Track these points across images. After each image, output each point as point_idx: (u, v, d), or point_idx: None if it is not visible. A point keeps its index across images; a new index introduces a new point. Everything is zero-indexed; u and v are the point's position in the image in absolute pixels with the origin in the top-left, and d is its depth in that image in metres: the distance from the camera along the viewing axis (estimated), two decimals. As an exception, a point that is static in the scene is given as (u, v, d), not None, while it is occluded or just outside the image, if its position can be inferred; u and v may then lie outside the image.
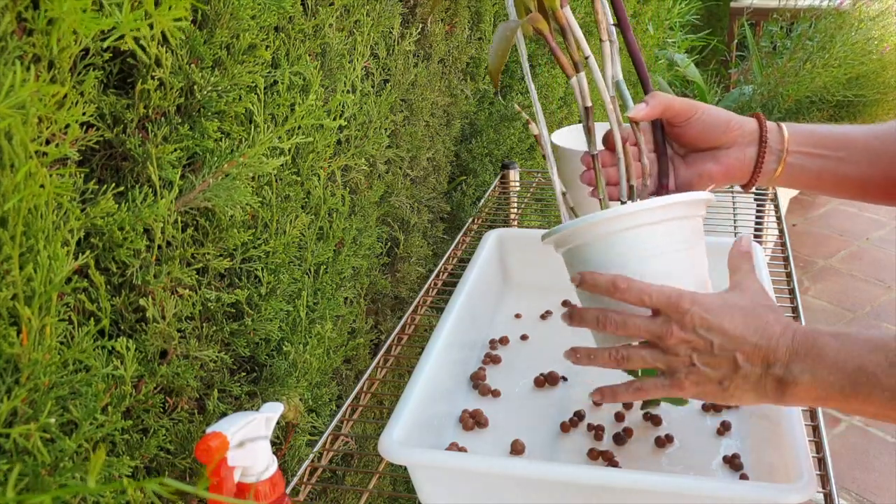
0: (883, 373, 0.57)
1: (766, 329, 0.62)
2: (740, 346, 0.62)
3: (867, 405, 0.58)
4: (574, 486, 0.68)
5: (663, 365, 0.65)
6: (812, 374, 0.59)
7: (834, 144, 0.75)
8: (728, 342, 0.62)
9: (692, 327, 0.63)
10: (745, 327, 0.62)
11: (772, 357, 0.61)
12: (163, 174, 0.68)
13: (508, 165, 1.52)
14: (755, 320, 0.62)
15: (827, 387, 0.59)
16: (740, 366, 0.62)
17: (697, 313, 0.63)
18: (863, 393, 0.58)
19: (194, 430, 0.77)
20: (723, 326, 0.62)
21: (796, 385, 0.60)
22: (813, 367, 0.59)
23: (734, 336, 0.62)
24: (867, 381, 0.57)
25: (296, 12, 0.87)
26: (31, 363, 0.55)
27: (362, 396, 0.96)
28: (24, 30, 0.53)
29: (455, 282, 1.02)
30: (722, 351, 0.62)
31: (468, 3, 1.41)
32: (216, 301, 0.80)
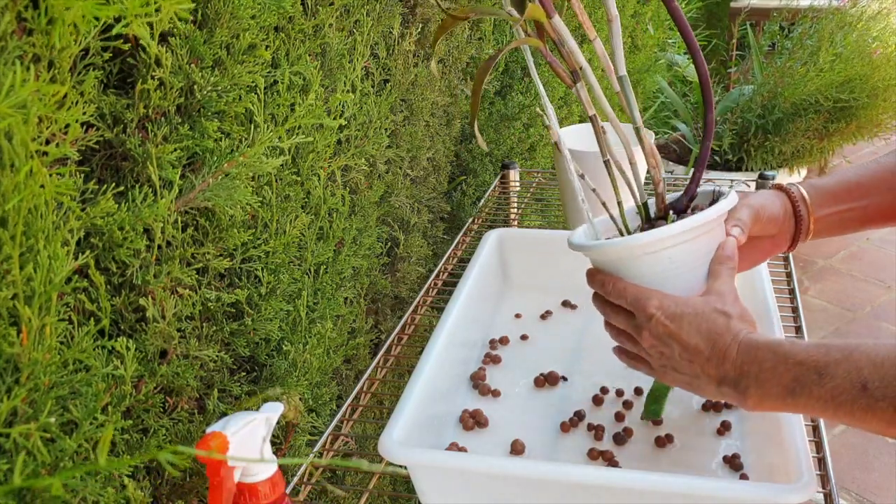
0: (814, 384, 0.60)
1: (717, 340, 0.65)
2: (696, 357, 0.66)
3: (808, 411, 0.62)
4: (574, 486, 0.68)
5: (644, 357, 0.71)
6: (756, 388, 0.63)
7: (857, 194, 0.80)
8: (685, 352, 0.66)
9: (658, 334, 0.68)
10: (700, 338, 0.66)
11: (721, 370, 0.65)
12: (163, 174, 0.68)
13: (508, 165, 1.52)
14: (709, 328, 0.66)
15: (772, 398, 0.62)
16: (699, 374, 0.67)
17: (661, 320, 0.67)
18: (800, 402, 0.61)
19: (194, 430, 0.77)
20: (680, 336, 0.66)
21: (747, 398, 0.64)
22: (756, 381, 0.63)
23: (688, 347, 0.66)
24: (801, 391, 0.61)
25: (296, 12, 0.87)
26: (31, 363, 0.55)
27: (362, 396, 0.96)
28: (24, 29, 0.53)
29: (455, 282, 1.02)
30: (682, 359, 0.67)
31: (468, 3, 1.40)
32: (216, 301, 0.80)
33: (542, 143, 1.86)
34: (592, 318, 1.03)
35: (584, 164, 1.18)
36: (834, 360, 0.60)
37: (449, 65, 1.38)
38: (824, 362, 0.60)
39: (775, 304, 0.89)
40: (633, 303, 0.69)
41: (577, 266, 1.10)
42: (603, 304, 0.74)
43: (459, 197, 1.53)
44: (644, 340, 0.69)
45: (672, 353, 0.67)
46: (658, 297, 0.68)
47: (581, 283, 0.77)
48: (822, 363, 0.60)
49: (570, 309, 1.05)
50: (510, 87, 1.67)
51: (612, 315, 0.73)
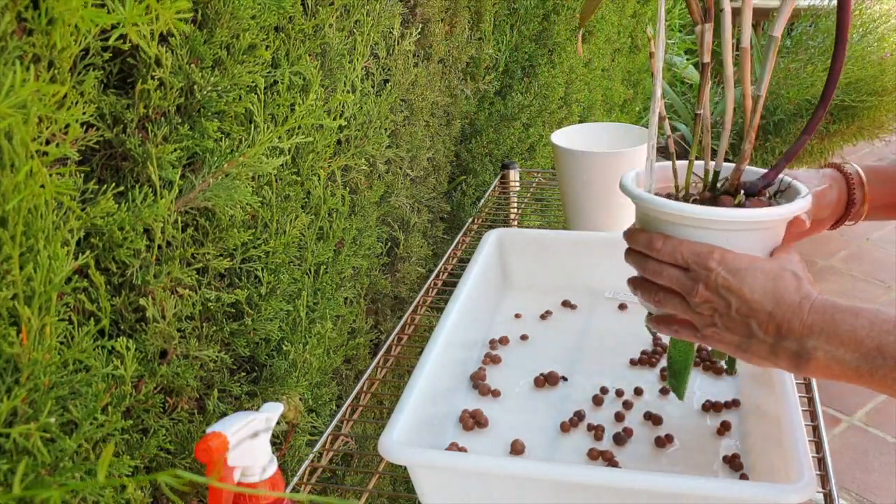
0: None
1: (783, 297, 0.62)
2: (755, 313, 0.62)
3: (884, 385, 0.58)
4: (574, 486, 0.68)
5: (690, 318, 0.67)
6: (826, 351, 0.59)
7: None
8: (744, 307, 0.62)
9: (715, 287, 0.63)
10: (763, 293, 0.62)
11: (784, 328, 0.61)
12: (163, 174, 0.68)
13: (508, 165, 1.52)
14: (776, 286, 0.62)
15: (843, 364, 0.59)
16: (754, 333, 0.62)
17: (721, 273, 0.63)
18: (879, 373, 0.57)
19: (194, 430, 0.77)
20: (741, 290, 0.62)
21: (810, 360, 0.60)
22: (828, 343, 0.59)
23: (750, 301, 0.62)
24: (884, 362, 0.57)
25: (296, 12, 0.87)
26: (31, 363, 0.55)
27: (362, 396, 0.96)
28: (24, 30, 0.53)
29: (455, 282, 1.02)
30: (738, 315, 0.63)
31: (468, 3, 1.41)
32: (216, 301, 0.80)
33: (542, 142, 1.86)
34: (592, 318, 1.04)
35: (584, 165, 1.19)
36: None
37: (449, 65, 1.38)
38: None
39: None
40: (689, 256, 0.65)
41: (577, 266, 1.11)
42: (644, 262, 0.69)
43: (459, 197, 1.53)
44: (697, 295, 0.64)
45: (728, 308, 0.63)
46: (720, 251, 0.64)
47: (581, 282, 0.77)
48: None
49: (570, 309, 1.05)
50: (510, 87, 1.68)
51: (657, 272, 0.67)
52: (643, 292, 0.70)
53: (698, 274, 0.64)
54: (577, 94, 2.06)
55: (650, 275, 0.68)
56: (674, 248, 0.66)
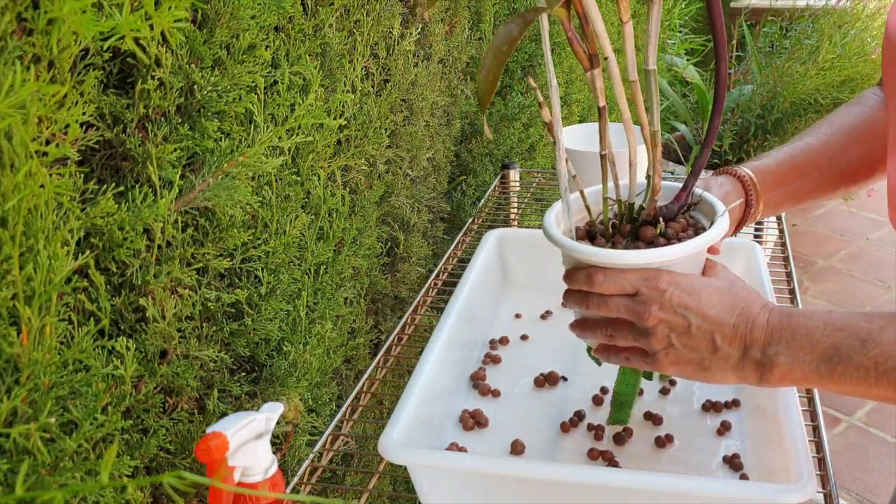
0: (855, 351, 0.57)
1: (745, 309, 0.62)
2: (718, 327, 0.62)
3: (844, 384, 0.58)
4: (574, 486, 0.68)
5: (644, 345, 0.65)
6: (787, 356, 0.59)
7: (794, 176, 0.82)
8: (705, 323, 0.62)
9: (670, 307, 0.63)
10: (723, 308, 0.62)
11: (749, 339, 0.61)
12: (163, 174, 0.68)
13: (508, 165, 1.52)
14: (733, 300, 0.63)
15: (804, 367, 0.59)
16: (719, 347, 0.62)
17: (675, 293, 0.63)
18: (838, 372, 0.58)
19: (194, 430, 0.77)
20: (700, 307, 0.62)
21: (773, 367, 0.60)
22: (788, 348, 0.59)
23: (712, 317, 0.62)
24: (840, 360, 0.57)
25: (296, 12, 0.87)
26: (31, 363, 0.55)
27: (362, 396, 0.96)
28: (24, 30, 0.53)
29: (455, 282, 1.02)
30: (699, 332, 0.62)
31: (468, 3, 1.41)
32: (216, 301, 0.80)
33: (542, 142, 1.86)
34: (592, 318, 1.03)
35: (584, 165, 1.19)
36: (878, 326, 0.57)
37: (449, 65, 1.38)
38: (867, 329, 0.57)
39: (775, 304, 0.89)
40: (636, 281, 0.64)
41: (576, 266, 1.11)
42: (585, 297, 0.68)
43: (459, 197, 1.53)
44: (650, 317, 0.63)
45: (688, 327, 0.62)
46: (667, 273, 0.64)
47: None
48: (865, 330, 0.57)
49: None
50: (510, 87, 1.68)
51: (602, 304, 0.66)
52: (591, 332, 0.70)
53: (650, 296, 0.64)
54: (577, 94, 2.06)
55: (595, 308, 0.67)
56: (617, 277, 0.65)
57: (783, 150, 0.83)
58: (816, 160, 0.82)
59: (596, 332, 0.69)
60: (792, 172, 0.82)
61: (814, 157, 0.82)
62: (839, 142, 0.83)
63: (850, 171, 0.84)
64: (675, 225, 0.70)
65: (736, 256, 1.00)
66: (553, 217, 0.73)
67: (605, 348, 0.70)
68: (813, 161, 0.82)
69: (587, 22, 0.62)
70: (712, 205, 0.71)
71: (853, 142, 0.83)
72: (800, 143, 0.84)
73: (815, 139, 0.84)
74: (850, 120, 0.85)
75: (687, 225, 0.71)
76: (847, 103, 0.89)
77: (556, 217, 0.73)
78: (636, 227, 0.70)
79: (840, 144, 0.83)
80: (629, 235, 0.70)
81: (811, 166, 0.82)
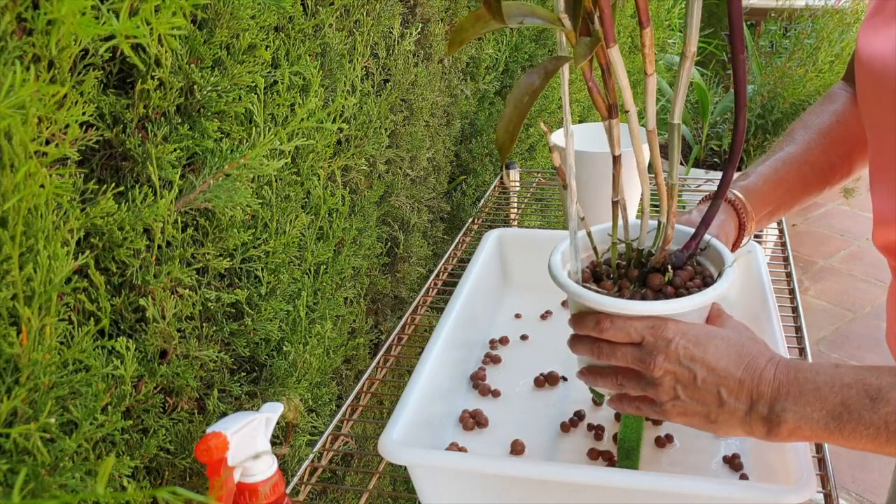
0: (865, 409, 0.56)
1: (751, 362, 0.61)
2: (725, 380, 0.61)
3: (854, 441, 0.57)
4: (574, 486, 0.68)
5: (651, 394, 0.65)
6: (795, 412, 0.58)
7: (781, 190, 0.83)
8: (711, 375, 0.61)
9: (677, 358, 0.62)
10: (730, 361, 0.61)
11: (755, 393, 0.60)
12: (163, 174, 0.68)
13: (508, 165, 1.52)
14: (740, 352, 0.61)
15: (812, 424, 0.58)
16: (725, 401, 0.61)
17: (682, 343, 0.62)
18: (847, 429, 0.56)
19: (194, 430, 0.77)
20: (706, 359, 0.61)
21: (781, 423, 0.59)
22: (795, 404, 0.58)
23: (718, 369, 0.61)
24: (850, 417, 0.56)
25: (296, 12, 0.87)
26: (31, 363, 0.55)
27: (362, 396, 0.96)
28: (24, 30, 0.53)
29: (455, 282, 1.02)
30: (705, 384, 0.61)
31: (468, 3, 1.41)
32: (216, 301, 0.80)
33: (541, 143, 1.86)
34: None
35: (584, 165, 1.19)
36: (888, 383, 0.55)
37: (449, 65, 1.38)
38: (876, 386, 0.55)
39: (775, 304, 0.89)
40: (643, 330, 0.63)
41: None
42: (593, 345, 0.67)
43: (459, 197, 1.53)
44: (656, 368, 0.62)
45: (693, 379, 0.61)
46: (673, 323, 0.63)
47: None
48: (875, 387, 0.55)
49: (570, 309, 1.05)
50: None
51: (610, 353, 0.66)
52: (602, 380, 0.69)
53: (656, 346, 0.63)
54: (576, 94, 2.06)
55: (604, 358, 0.66)
56: (624, 325, 0.64)
57: (766, 165, 0.83)
58: (800, 168, 0.83)
59: (607, 381, 0.68)
60: (779, 187, 0.83)
61: (797, 165, 0.83)
62: (818, 146, 0.84)
63: (830, 171, 0.85)
64: (682, 273, 0.68)
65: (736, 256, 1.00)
66: (559, 258, 0.72)
67: (619, 398, 0.69)
68: (797, 170, 0.83)
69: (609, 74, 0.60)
70: (720, 252, 0.70)
71: (831, 143, 0.84)
72: (781, 155, 0.84)
73: (796, 147, 0.84)
74: (826, 121, 0.85)
75: (694, 273, 0.69)
76: (818, 102, 0.89)
77: (561, 257, 0.72)
78: (644, 273, 0.69)
79: (820, 148, 0.84)
80: (636, 281, 0.69)
81: (796, 176, 0.83)
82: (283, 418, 0.88)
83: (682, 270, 0.69)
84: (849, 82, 0.89)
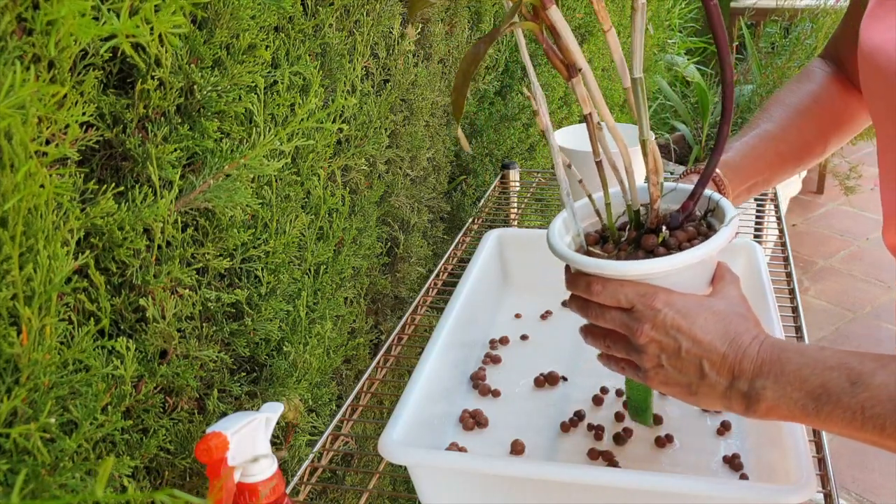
0: (844, 393, 0.56)
1: (735, 338, 0.61)
2: (708, 353, 0.61)
3: (830, 424, 0.57)
4: (574, 486, 0.68)
5: (636, 360, 0.65)
6: (774, 391, 0.58)
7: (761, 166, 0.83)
8: (696, 347, 0.61)
9: (663, 327, 0.62)
10: (716, 334, 0.61)
11: (737, 369, 0.60)
12: (163, 174, 0.68)
13: (508, 165, 1.52)
14: (727, 327, 0.62)
15: (790, 403, 0.58)
16: (706, 374, 0.61)
17: (669, 314, 0.62)
18: (824, 412, 0.57)
19: (194, 430, 0.77)
20: (692, 331, 0.61)
21: (760, 401, 0.59)
22: (776, 383, 0.58)
23: (703, 342, 0.61)
24: (829, 399, 0.56)
25: (296, 12, 0.87)
26: (31, 363, 0.55)
27: (362, 396, 0.96)
28: (24, 30, 0.53)
29: (455, 282, 1.02)
30: (689, 356, 0.61)
31: (468, 3, 1.41)
32: (216, 301, 0.80)
33: (541, 143, 1.86)
34: (592, 318, 1.03)
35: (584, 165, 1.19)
36: (869, 369, 0.55)
37: (449, 65, 1.38)
38: (858, 371, 0.56)
39: (775, 304, 0.89)
40: (633, 297, 0.64)
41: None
42: (586, 305, 0.68)
43: (459, 197, 1.53)
44: (642, 335, 0.63)
45: (678, 349, 0.62)
46: (665, 291, 0.63)
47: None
48: (857, 371, 0.56)
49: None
50: (510, 87, 1.68)
51: (600, 314, 0.67)
52: (592, 338, 0.70)
53: (643, 314, 0.63)
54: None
55: (593, 318, 0.67)
56: (615, 289, 0.65)
57: (744, 142, 0.84)
58: (777, 146, 0.84)
59: (596, 340, 0.69)
60: (756, 162, 0.83)
61: (775, 143, 0.84)
62: (795, 124, 0.85)
63: (806, 150, 0.86)
64: (679, 234, 0.68)
65: (736, 256, 1.00)
66: (560, 224, 0.72)
67: (606, 356, 0.70)
68: (775, 148, 0.84)
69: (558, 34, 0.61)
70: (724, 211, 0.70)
71: (806, 122, 0.86)
72: (758, 132, 0.85)
73: (773, 125, 0.85)
74: (803, 99, 0.87)
75: (697, 233, 0.69)
76: (794, 80, 0.90)
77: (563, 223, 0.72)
78: (640, 234, 0.69)
79: (796, 126, 0.85)
80: (633, 243, 0.69)
81: (773, 153, 0.84)
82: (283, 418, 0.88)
83: (681, 231, 0.68)
84: (826, 60, 0.90)
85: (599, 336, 0.69)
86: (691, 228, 0.69)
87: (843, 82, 0.88)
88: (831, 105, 0.86)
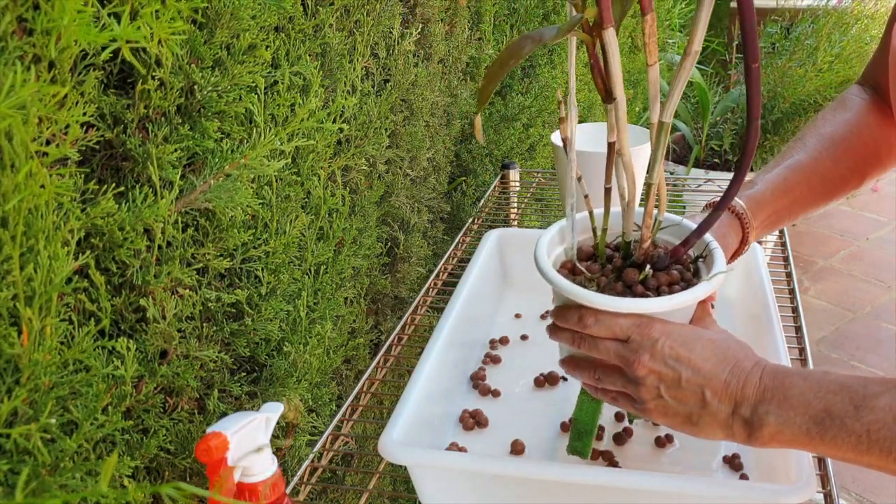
0: (848, 416, 0.55)
1: (736, 365, 0.60)
2: (710, 381, 0.60)
3: (834, 448, 0.56)
4: (574, 486, 0.68)
5: (632, 392, 0.64)
6: (777, 416, 0.57)
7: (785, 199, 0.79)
8: (696, 376, 0.60)
9: (662, 357, 0.61)
10: (716, 362, 0.60)
11: (739, 396, 0.59)
12: (163, 174, 0.68)
13: (508, 165, 1.52)
14: (725, 354, 0.61)
15: (794, 429, 0.57)
16: (708, 402, 0.60)
17: (668, 343, 0.61)
18: (828, 436, 0.56)
19: (194, 430, 0.77)
20: (692, 359, 0.61)
21: (763, 427, 0.58)
22: (779, 408, 0.57)
23: (703, 370, 0.60)
24: (832, 424, 0.55)
25: (296, 12, 0.87)
26: (32, 363, 0.55)
27: (362, 396, 0.96)
28: (24, 30, 0.53)
29: (455, 282, 1.02)
30: (690, 385, 0.60)
31: (468, 3, 1.41)
32: (216, 301, 0.80)
33: (542, 143, 1.86)
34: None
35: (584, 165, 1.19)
36: (873, 392, 0.55)
37: (449, 65, 1.38)
38: (862, 394, 0.55)
39: (775, 304, 0.89)
40: (628, 328, 0.62)
41: (577, 266, 1.11)
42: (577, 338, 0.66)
43: (459, 197, 1.53)
44: (639, 367, 0.61)
45: (678, 379, 0.61)
46: (660, 322, 0.62)
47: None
48: (861, 395, 0.55)
49: (570, 309, 1.05)
50: (510, 87, 1.68)
51: (593, 346, 0.65)
52: (579, 371, 0.68)
53: (641, 344, 0.62)
54: (577, 94, 2.06)
55: (586, 349, 0.65)
56: (609, 321, 0.63)
57: (775, 174, 0.80)
58: (809, 179, 0.80)
59: (585, 373, 0.68)
60: (785, 196, 0.80)
61: (807, 176, 0.80)
62: (830, 156, 0.81)
63: (840, 183, 0.82)
64: (661, 276, 0.66)
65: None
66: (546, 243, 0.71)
67: (593, 388, 0.69)
68: (807, 181, 0.80)
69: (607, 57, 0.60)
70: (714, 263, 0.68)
71: (843, 154, 0.81)
72: (790, 162, 0.81)
73: (806, 155, 0.81)
74: (839, 130, 0.82)
75: (680, 278, 0.67)
76: (830, 108, 0.86)
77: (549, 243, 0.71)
78: (626, 265, 0.68)
79: (832, 158, 0.81)
80: (617, 271, 0.68)
81: (804, 186, 0.80)
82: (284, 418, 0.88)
83: (664, 273, 0.67)
84: (865, 87, 0.86)
85: (587, 368, 0.67)
86: (675, 272, 0.67)
87: (882, 110, 0.83)
88: (869, 135, 0.82)
